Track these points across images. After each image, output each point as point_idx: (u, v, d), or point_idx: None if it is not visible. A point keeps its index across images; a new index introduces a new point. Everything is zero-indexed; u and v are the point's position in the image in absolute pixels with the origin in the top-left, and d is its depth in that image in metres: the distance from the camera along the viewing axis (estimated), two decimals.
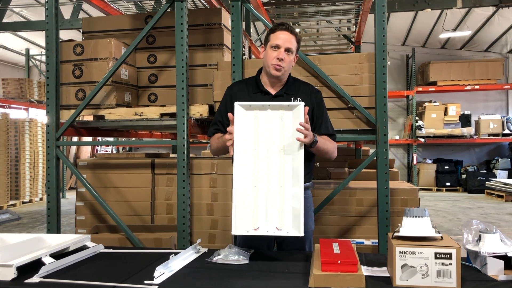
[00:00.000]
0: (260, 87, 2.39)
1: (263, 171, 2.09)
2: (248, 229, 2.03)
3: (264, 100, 2.34)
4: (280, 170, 2.08)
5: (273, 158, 2.10)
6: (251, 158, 2.10)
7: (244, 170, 2.08)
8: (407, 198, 3.77)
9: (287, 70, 2.34)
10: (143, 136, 6.15)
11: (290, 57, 2.30)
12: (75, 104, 3.81)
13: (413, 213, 1.79)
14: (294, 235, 2.00)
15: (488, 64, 11.65)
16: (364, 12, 5.03)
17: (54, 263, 1.90)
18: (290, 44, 2.29)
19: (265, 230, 2.03)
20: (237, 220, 2.03)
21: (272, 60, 2.29)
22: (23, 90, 10.77)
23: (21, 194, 9.77)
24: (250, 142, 2.11)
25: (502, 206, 9.25)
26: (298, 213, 2.00)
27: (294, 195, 2.04)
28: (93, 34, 4.24)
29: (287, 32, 2.29)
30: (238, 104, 2.13)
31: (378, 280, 1.74)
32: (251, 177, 2.08)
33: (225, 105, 2.42)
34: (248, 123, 2.12)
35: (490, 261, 1.75)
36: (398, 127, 13.32)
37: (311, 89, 2.45)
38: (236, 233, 2.04)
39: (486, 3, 7.68)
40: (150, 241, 3.57)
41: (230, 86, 2.53)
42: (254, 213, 2.05)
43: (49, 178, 3.68)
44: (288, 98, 2.35)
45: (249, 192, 2.07)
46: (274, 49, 2.29)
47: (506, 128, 11.75)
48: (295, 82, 2.46)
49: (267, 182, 2.08)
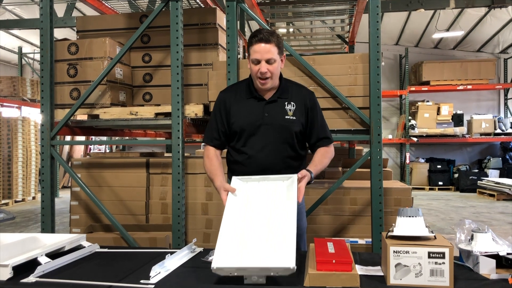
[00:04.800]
0: (253, 92, 2.37)
1: (252, 226, 1.93)
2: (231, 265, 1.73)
3: (258, 105, 2.34)
4: (270, 227, 1.90)
5: (264, 216, 1.98)
6: (241, 218, 1.98)
7: (232, 225, 1.93)
8: (400, 198, 3.80)
9: (274, 78, 2.32)
10: (137, 136, 6.14)
11: (273, 65, 2.27)
12: (69, 103, 3.80)
13: (407, 213, 1.81)
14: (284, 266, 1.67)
15: (480, 64, 11.72)
16: (358, 12, 5.06)
17: (50, 262, 1.90)
18: (270, 54, 2.24)
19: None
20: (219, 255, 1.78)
21: (256, 74, 2.28)
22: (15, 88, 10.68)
23: (13, 193, 9.70)
24: (242, 205, 2.06)
25: (493, 205, 9.33)
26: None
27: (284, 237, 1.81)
28: (88, 33, 4.23)
29: (262, 43, 2.23)
30: (236, 178, 2.16)
31: (372, 279, 1.76)
32: (239, 231, 1.91)
33: (219, 111, 2.41)
34: (242, 191, 2.13)
35: (482, 260, 1.78)
36: (391, 127, 13.38)
37: (305, 91, 2.45)
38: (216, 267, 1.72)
39: (478, 3, 7.73)
40: (145, 240, 3.58)
41: (224, 91, 2.50)
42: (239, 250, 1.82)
43: (43, 178, 3.67)
44: (282, 102, 2.35)
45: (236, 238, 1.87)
46: (255, 64, 2.27)
47: (498, 128, 11.84)
48: (287, 85, 2.43)
49: (256, 233, 1.88)
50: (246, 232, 1.89)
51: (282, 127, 2.32)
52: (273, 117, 2.32)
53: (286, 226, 1.86)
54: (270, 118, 2.32)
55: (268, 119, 2.32)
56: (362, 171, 4.16)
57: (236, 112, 2.36)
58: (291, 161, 2.38)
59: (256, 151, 2.32)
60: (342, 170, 5.21)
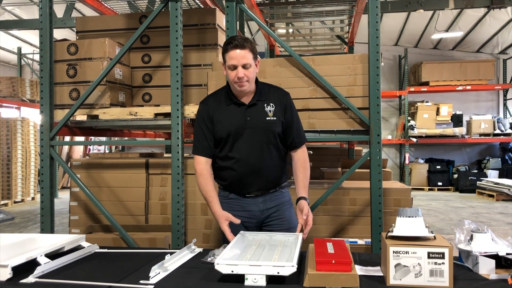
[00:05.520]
0: (233, 99, 2.44)
1: (260, 245, 2.12)
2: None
3: (239, 110, 2.41)
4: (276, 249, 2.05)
5: (271, 244, 2.15)
6: (249, 241, 2.19)
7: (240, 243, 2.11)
8: (400, 198, 3.80)
9: (251, 82, 2.39)
10: (136, 136, 6.14)
11: (249, 69, 2.34)
12: (69, 104, 3.80)
13: (407, 213, 1.81)
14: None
15: (479, 65, 11.74)
16: (358, 13, 5.06)
17: (49, 263, 1.90)
18: (245, 60, 2.31)
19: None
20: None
21: (234, 79, 2.34)
22: (15, 89, 10.68)
23: (13, 193, 9.70)
24: (249, 238, 2.22)
25: (493, 205, 9.34)
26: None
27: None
28: (87, 34, 4.23)
29: (238, 49, 2.31)
30: (244, 232, 2.24)
31: (372, 280, 1.76)
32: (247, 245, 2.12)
33: (204, 121, 2.45)
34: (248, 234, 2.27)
35: (482, 261, 1.78)
36: (390, 127, 13.39)
37: (281, 92, 2.54)
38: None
39: (477, 4, 7.75)
40: (144, 241, 3.57)
41: (203, 101, 2.55)
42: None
43: (42, 178, 3.67)
44: (262, 105, 2.43)
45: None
46: (232, 70, 2.34)
47: (497, 128, 11.86)
48: (264, 87, 2.51)
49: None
50: (253, 247, 2.04)
51: (265, 129, 2.41)
52: (255, 120, 2.41)
53: (291, 249, 1.99)
54: (252, 121, 2.40)
55: (250, 122, 2.40)
56: (361, 171, 4.16)
57: (219, 119, 2.43)
58: (278, 161, 2.48)
59: (244, 154, 2.40)
60: (341, 170, 5.22)
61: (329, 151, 6.83)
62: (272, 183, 2.49)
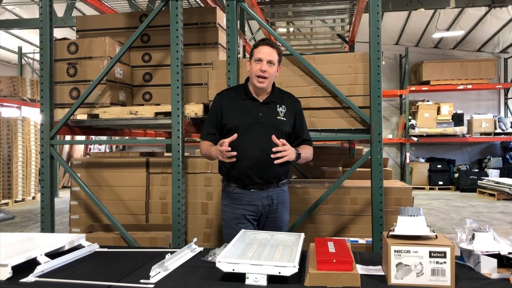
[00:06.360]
0: (249, 94, 2.62)
1: (261, 244, 2.11)
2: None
3: (253, 106, 2.59)
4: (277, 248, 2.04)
5: (272, 243, 2.15)
6: (250, 240, 2.18)
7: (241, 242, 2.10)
8: (400, 197, 3.79)
9: (270, 81, 2.58)
10: (137, 135, 6.13)
11: (272, 68, 2.54)
12: (69, 103, 3.80)
13: (408, 212, 1.80)
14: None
15: (480, 64, 11.72)
16: (359, 11, 5.05)
17: (49, 262, 1.89)
18: (272, 57, 2.53)
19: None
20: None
21: (256, 72, 2.53)
22: (15, 88, 10.67)
23: (13, 193, 9.70)
24: (251, 237, 2.22)
25: (494, 204, 9.33)
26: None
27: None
28: (87, 33, 4.23)
29: (268, 46, 2.54)
30: (246, 231, 2.24)
31: (373, 279, 1.75)
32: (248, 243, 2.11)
33: (215, 111, 2.63)
34: (250, 233, 2.26)
35: (483, 260, 1.77)
36: (391, 126, 13.38)
37: (293, 99, 2.74)
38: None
39: (478, 3, 7.73)
40: (145, 240, 3.57)
41: (220, 93, 2.72)
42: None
43: (43, 177, 3.67)
44: (274, 105, 2.61)
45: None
46: (257, 62, 2.54)
47: (498, 127, 11.84)
48: (279, 92, 2.71)
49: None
50: (255, 246, 2.05)
51: (275, 126, 2.56)
52: (267, 117, 2.58)
53: (292, 249, 1.99)
54: (264, 117, 2.57)
55: (262, 118, 2.57)
56: (362, 170, 4.15)
57: (232, 111, 2.59)
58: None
59: (251, 146, 2.53)
60: (342, 169, 5.21)
61: (330, 150, 6.83)
62: (275, 177, 2.60)
